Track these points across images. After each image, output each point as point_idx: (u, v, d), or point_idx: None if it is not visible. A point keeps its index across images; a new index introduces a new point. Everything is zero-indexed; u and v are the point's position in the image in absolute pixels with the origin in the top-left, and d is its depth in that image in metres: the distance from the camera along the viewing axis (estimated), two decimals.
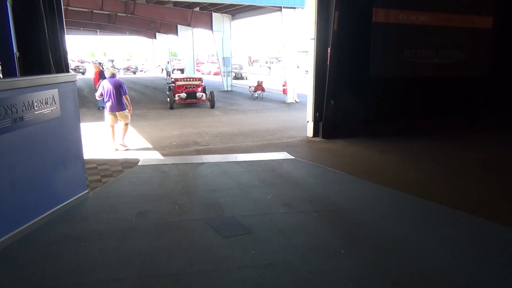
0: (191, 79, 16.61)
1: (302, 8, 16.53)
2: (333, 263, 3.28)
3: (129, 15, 21.74)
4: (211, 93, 15.40)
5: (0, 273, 3.07)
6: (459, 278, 3.14)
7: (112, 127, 7.94)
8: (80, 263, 3.23)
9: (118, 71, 38.48)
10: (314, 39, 8.82)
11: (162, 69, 36.96)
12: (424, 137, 8.85)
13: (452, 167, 6.60)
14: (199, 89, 15.76)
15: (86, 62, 53.48)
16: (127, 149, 8.03)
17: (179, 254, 3.42)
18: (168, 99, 15.31)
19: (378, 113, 9.07)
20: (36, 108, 3.82)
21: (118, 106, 7.85)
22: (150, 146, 8.55)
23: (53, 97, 4.13)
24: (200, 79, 16.70)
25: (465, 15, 9.67)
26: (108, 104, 7.83)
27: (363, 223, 4.15)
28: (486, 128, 9.80)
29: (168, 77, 29.76)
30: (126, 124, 8.13)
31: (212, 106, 15.12)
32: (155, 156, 7.57)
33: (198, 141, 9.25)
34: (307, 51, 9.74)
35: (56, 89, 4.19)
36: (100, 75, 12.95)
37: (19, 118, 3.59)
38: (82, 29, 34.10)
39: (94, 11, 23.46)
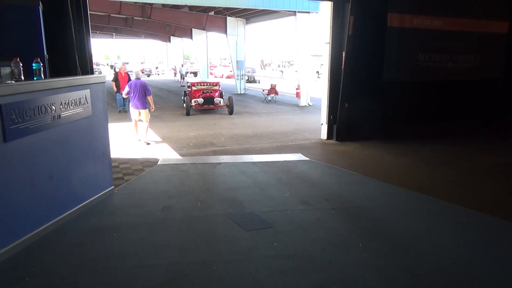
0: (208, 84, 15.86)
1: (316, 13, 16.70)
2: (351, 255, 3.47)
3: (145, 19, 22.17)
4: (230, 98, 14.52)
5: (43, 258, 3.33)
6: (472, 270, 3.30)
7: (135, 121, 9.11)
8: (115, 250, 3.48)
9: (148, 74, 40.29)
10: (329, 43, 9.02)
11: (175, 72, 37.45)
12: (438, 140, 8.95)
13: (466, 169, 6.70)
14: (216, 94, 15.01)
15: (101, 64, 54.38)
16: (148, 144, 8.96)
17: (206, 245, 3.64)
18: (184, 104, 14.64)
19: (392, 116, 9.17)
20: (71, 107, 4.09)
21: (141, 104, 8.93)
22: (168, 146, 8.81)
23: (86, 97, 4.39)
24: (217, 84, 15.87)
25: (480, 20, 9.74)
26: (132, 101, 9.00)
27: (379, 220, 4.32)
28: (500, 132, 9.86)
29: (181, 80, 30.25)
30: (147, 122, 9.11)
31: (231, 113, 14.25)
32: (173, 156, 7.82)
33: (214, 142, 9.49)
34: (320, 55, 9.91)
35: (88, 90, 4.46)
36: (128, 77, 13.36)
37: (57, 116, 3.85)
38: (99, 33, 34.73)
39: (112, 15, 23.93)
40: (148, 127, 9.24)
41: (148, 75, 42.61)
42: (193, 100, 14.35)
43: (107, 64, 47.87)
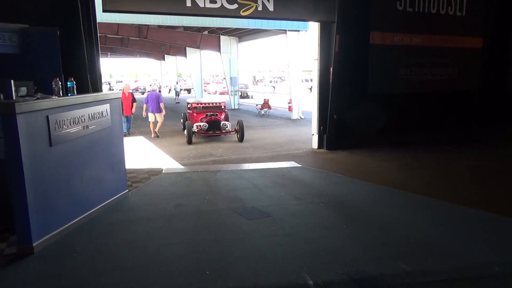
0: (212, 104, 13.46)
1: (306, 31, 17.63)
2: (336, 232, 4.23)
3: (142, 39, 23.01)
4: (239, 122, 12.04)
5: (83, 241, 4.01)
6: (432, 241, 4.08)
7: (152, 122, 12.91)
8: (140, 235, 4.17)
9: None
10: (317, 60, 9.81)
11: (170, 89, 38.68)
12: (420, 148, 9.54)
13: (443, 172, 7.41)
14: (222, 117, 12.74)
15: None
16: (157, 136, 12.87)
17: (216, 229, 4.36)
18: (184, 131, 12.29)
19: (378, 126, 9.69)
20: (96, 119, 4.78)
21: (156, 109, 12.86)
22: (170, 157, 9.48)
23: (107, 110, 5.09)
24: (222, 104, 13.60)
25: (456, 36, 10.60)
26: (150, 107, 12.86)
27: (361, 209, 5.09)
28: (479, 140, 10.54)
29: (176, 97, 31.11)
30: (160, 122, 13.06)
31: (241, 139, 11.85)
32: (176, 166, 8.49)
33: (212, 153, 10.19)
34: (310, 70, 10.71)
35: (108, 104, 5.15)
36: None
37: (86, 126, 4.54)
38: None
39: (108, 35, 24.76)
40: (160, 125, 13.05)
41: (143, 93, 43.40)
42: (195, 125, 12.03)
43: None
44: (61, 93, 4.32)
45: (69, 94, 4.47)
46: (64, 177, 4.15)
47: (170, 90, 38.29)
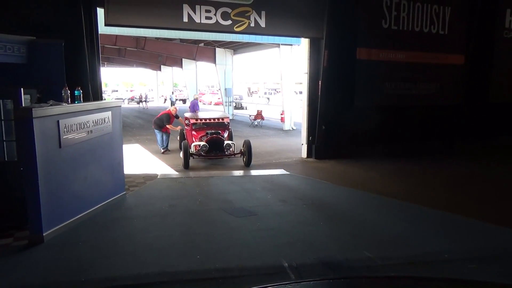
0: (213, 120, 11.23)
1: (298, 45, 18.21)
2: (314, 228, 4.73)
3: (139, 49, 23.54)
4: (246, 143, 9.72)
5: (87, 233, 4.46)
6: (397, 235, 4.62)
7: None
8: (139, 229, 4.63)
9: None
10: (307, 73, 10.37)
11: (165, 99, 39.27)
12: (404, 158, 10.01)
13: (421, 180, 7.94)
14: (226, 135, 10.82)
15: None
16: None
17: (207, 225, 4.85)
18: (181, 153, 10.01)
19: (364, 137, 10.21)
20: (99, 125, 5.24)
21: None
22: (165, 164, 9.90)
23: (108, 117, 5.56)
24: (225, 120, 11.39)
25: (439, 53, 11.23)
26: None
27: (339, 210, 5.62)
28: (460, 152, 11.02)
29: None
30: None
31: (248, 164, 9.56)
32: (170, 172, 8.92)
33: (206, 161, 10.61)
34: (302, 83, 11.28)
35: (110, 111, 5.62)
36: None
37: (90, 131, 5.00)
38: None
39: (106, 46, 25.26)
40: None
41: (138, 103, 43.84)
42: (193, 145, 10.13)
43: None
44: (69, 100, 4.79)
45: (76, 102, 4.93)
46: (70, 176, 4.60)
47: (165, 100, 38.79)
